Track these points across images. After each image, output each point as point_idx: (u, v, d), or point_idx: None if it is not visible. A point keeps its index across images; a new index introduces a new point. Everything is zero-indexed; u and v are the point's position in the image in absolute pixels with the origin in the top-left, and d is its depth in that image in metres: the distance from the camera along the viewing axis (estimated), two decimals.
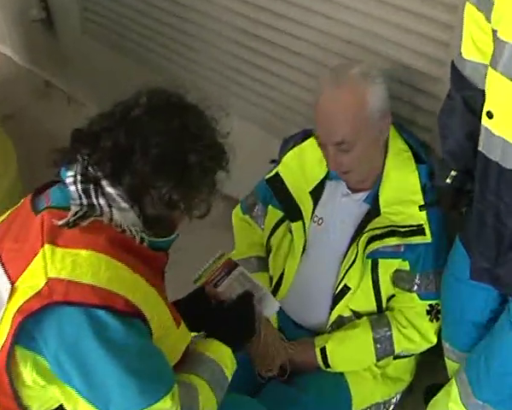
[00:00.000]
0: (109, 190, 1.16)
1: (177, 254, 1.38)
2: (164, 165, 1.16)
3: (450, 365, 1.79)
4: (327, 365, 1.76)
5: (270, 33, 2.28)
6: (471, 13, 1.35)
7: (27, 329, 1.06)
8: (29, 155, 3.11)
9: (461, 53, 1.43)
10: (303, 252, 1.83)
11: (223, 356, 1.35)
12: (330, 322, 1.78)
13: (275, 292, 1.87)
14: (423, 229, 1.68)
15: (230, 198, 2.94)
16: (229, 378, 1.36)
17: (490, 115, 1.29)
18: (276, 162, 1.95)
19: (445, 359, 1.80)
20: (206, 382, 1.28)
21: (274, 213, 1.93)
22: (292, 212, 1.85)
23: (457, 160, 1.53)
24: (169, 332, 1.20)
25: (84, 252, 1.09)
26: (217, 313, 1.50)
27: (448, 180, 1.54)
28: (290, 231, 1.85)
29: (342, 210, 1.80)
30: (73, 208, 1.13)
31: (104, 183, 1.16)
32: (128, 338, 1.08)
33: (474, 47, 1.37)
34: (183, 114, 1.20)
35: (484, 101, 1.31)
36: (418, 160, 1.74)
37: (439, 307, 1.74)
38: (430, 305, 1.74)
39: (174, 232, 1.28)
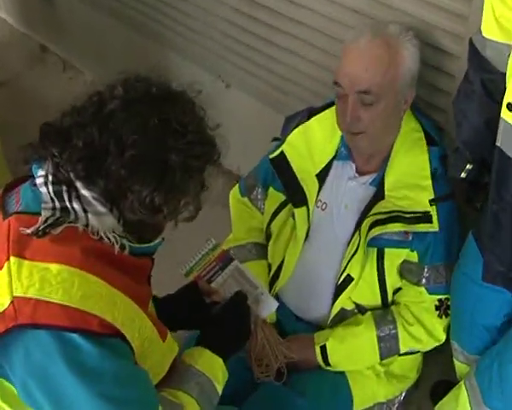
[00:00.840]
0: (84, 192, 1.03)
1: (171, 234, 1.26)
2: (141, 166, 1.02)
3: (459, 366, 1.69)
4: (327, 363, 1.65)
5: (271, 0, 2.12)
6: None
7: None
8: (24, 124, 3.00)
9: (481, 30, 1.29)
10: (305, 239, 1.71)
11: (213, 369, 1.24)
12: (332, 315, 1.67)
13: (273, 281, 1.76)
14: (430, 216, 1.56)
15: (229, 173, 2.84)
16: (220, 392, 1.25)
17: (511, 107, 1.17)
18: (278, 141, 1.82)
19: (454, 359, 1.70)
20: (194, 400, 1.17)
21: (275, 197, 1.80)
22: (296, 196, 1.72)
23: (473, 150, 1.41)
24: (153, 347, 1.09)
25: (54, 266, 0.96)
26: (210, 314, 1.38)
27: (463, 174, 1.43)
28: (293, 216, 1.73)
29: (347, 194, 1.68)
30: (44, 213, 1.00)
31: (79, 184, 1.03)
32: (103, 362, 0.96)
33: (497, 25, 1.23)
34: (164, 108, 1.06)
35: (505, 87, 1.17)
36: (430, 142, 1.62)
37: (449, 303, 1.63)
38: (439, 300, 1.62)
39: (160, 235, 1.15)
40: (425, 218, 1.55)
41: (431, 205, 1.55)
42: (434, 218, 1.55)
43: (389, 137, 1.62)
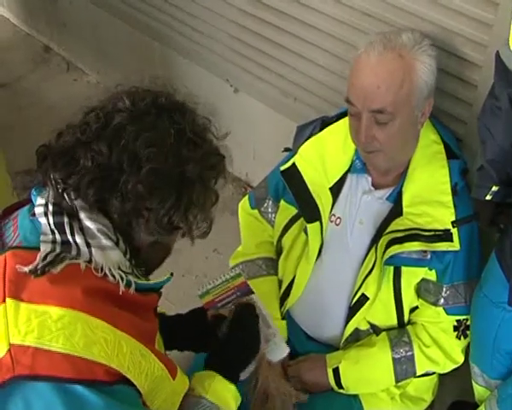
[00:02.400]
0: (88, 224, 0.95)
1: (179, 243, 1.19)
2: (160, 181, 0.95)
3: (478, 389, 1.62)
4: (340, 386, 1.58)
5: (280, 2, 2.05)
6: None
7: None
8: (27, 124, 2.96)
9: (508, 43, 1.21)
10: (318, 255, 1.64)
11: (226, 397, 1.16)
12: (345, 336, 1.60)
13: (284, 298, 1.70)
14: (451, 234, 1.48)
15: (238, 180, 2.78)
16: None
17: None
18: (289, 151, 1.75)
19: (472, 381, 1.63)
20: None
21: (287, 210, 1.73)
22: (308, 210, 1.64)
23: (499, 170, 1.34)
24: (163, 385, 1.02)
25: (54, 310, 0.88)
26: (216, 335, 1.31)
27: (488, 196, 1.36)
28: (305, 231, 1.66)
29: (362, 209, 1.61)
30: (43, 248, 0.93)
31: (82, 215, 0.95)
32: None
33: None
34: (176, 118, 1.00)
35: None
36: (450, 155, 1.54)
37: (468, 323, 1.55)
38: (458, 320, 1.55)
39: (166, 257, 1.09)
40: (445, 236, 1.48)
41: (454, 227, 1.47)
42: (455, 236, 1.47)
43: (407, 151, 1.54)
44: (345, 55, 1.87)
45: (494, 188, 1.35)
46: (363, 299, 1.55)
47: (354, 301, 1.57)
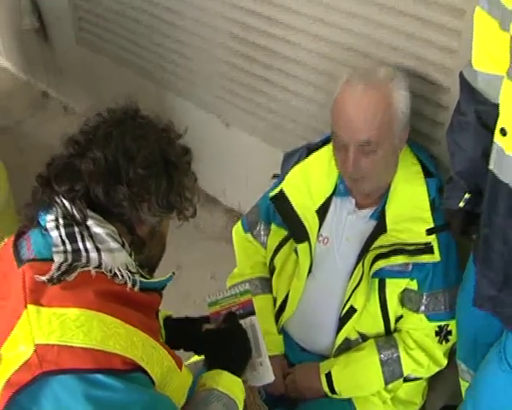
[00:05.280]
0: (97, 230, 1.08)
1: (177, 269, 1.31)
2: (152, 167, 1.12)
3: (465, 386, 1.71)
4: (333, 391, 1.69)
5: (266, 41, 2.21)
6: (482, 19, 1.26)
7: (21, 403, 0.97)
8: (26, 168, 3.06)
9: (471, 63, 1.34)
10: (308, 273, 1.76)
11: (234, 389, 1.28)
12: (336, 345, 1.71)
13: (279, 315, 1.81)
14: (432, 247, 1.61)
15: (231, 210, 2.91)
16: None
17: (504, 132, 1.20)
18: (278, 177, 1.88)
19: (460, 379, 1.73)
20: None
21: (277, 232, 1.86)
22: (297, 232, 1.77)
23: (469, 180, 1.44)
24: (172, 375, 1.13)
25: (72, 311, 1.00)
26: (208, 338, 1.42)
27: (461, 204, 1.46)
28: (295, 251, 1.78)
29: (348, 228, 1.73)
30: (57, 258, 1.04)
31: (90, 222, 1.08)
32: (131, 396, 1.00)
33: (487, 57, 1.28)
34: (147, 119, 1.20)
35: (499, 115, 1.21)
36: (427, 174, 1.68)
37: (449, 329, 1.67)
38: (439, 326, 1.67)
39: (165, 249, 1.24)
40: (427, 249, 1.61)
41: (427, 235, 1.59)
42: (435, 248, 1.60)
43: (389, 175, 1.68)
44: (326, 86, 2.01)
45: (467, 195, 1.45)
46: (352, 311, 1.67)
47: (343, 312, 1.68)
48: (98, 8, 2.90)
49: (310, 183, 1.78)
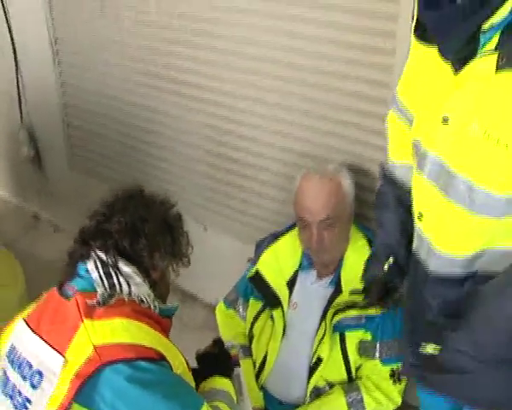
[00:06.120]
0: (126, 269, 1.47)
1: None
2: (160, 227, 1.54)
3: None
4: None
5: (238, 155, 2.67)
6: (394, 120, 1.60)
7: (85, 389, 1.31)
8: (27, 281, 3.34)
9: (389, 158, 1.66)
10: (283, 335, 2.12)
11: (227, 386, 1.64)
12: (308, 394, 2.04)
13: (259, 374, 2.15)
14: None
15: (210, 305, 3.24)
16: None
17: (420, 216, 1.42)
18: (252, 260, 2.28)
19: None
20: (226, 404, 1.56)
21: (255, 305, 2.24)
22: (272, 301, 2.16)
23: (388, 254, 1.68)
24: (184, 374, 1.48)
25: (117, 320, 1.38)
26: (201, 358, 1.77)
27: (385, 266, 1.68)
28: (271, 318, 2.15)
29: (312, 294, 2.12)
30: (100, 290, 1.43)
31: (121, 264, 1.47)
32: (164, 375, 1.36)
33: (402, 150, 1.58)
34: (150, 194, 1.64)
35: None
36: (371, 246, 2.05)
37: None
38: (392, 369, 2.01)
39: (169, 292, 1.65)
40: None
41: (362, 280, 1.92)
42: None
43: (343, 247, 2.09)
44: (287, 186, 2.46)
45: (391, 259, 1.67)
46: (319, 360, 2.02)
47: (312, 362, 2.03)
48: (90, 136, 3.36)
49: (279, 261, 2.19)
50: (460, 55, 1.26)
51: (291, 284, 2.17)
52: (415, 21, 1.42)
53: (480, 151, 1.23)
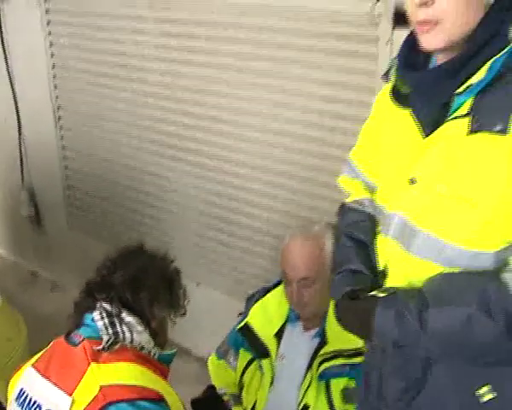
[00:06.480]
0: (128, 318, 1.62)
1: None
2: (159, 280, 1.70)
3: None
4: None
5: (228, 214, 2.87)
6: (347, 181, 1.77)
7: None
8: (28, 336, 3.43)
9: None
10: (271, 384, 2.25)
11: None
12: None
13: None
14: (362, 352, 2.13)
15: (201, 359, 3.37)
16: None
17: (384, 274, 1.50)
18: (243, 314, 2.43)
19: None
20: None
21: (245, 356, 2.37)
22: (261, 352, 2.29)
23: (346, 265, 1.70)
24: None
25: (121, 363, 1.53)
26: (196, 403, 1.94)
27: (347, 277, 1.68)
28: (260, 368, 2.29)
29: (299, 346, 2.26)
30: (105, 337, 1.57)
31: (124, 314, 1.62)
32: None
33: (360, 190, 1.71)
34: (150, 249, 1.80)
35: None
36: None
37: None
38: None
39: (167, 341, 1.79)
40: (358, 353, 2.12)
41: None
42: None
43: (324, 303, 2.21)
44: (275, 244, 2.63)
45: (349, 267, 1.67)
46: (305, 408, 2.14)
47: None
48: (89, 197, 3.55)
49: (268, 314, 2.33)
50: (432, 117, 1.34)
51: (279, 335, 2.31)
52: (392, 83, 1.48)
53: (448, 209, 1.30)
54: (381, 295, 1.41)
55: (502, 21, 1.27)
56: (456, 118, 1.30)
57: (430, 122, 1.35)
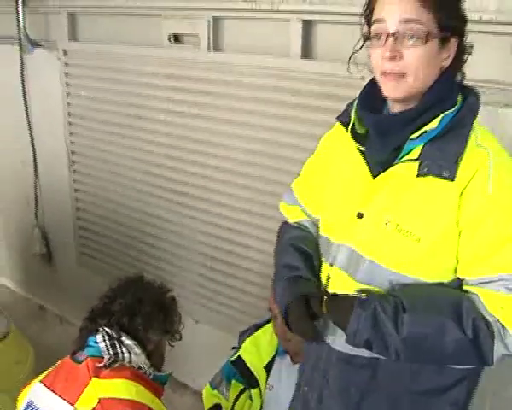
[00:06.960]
0: (127, 341, 1.85)
1: None
2: (155, 307, 1.92)
3: None
4: None
5: (225, 255, 3.09)
6: (285, 208, 1.88)
7: None
8: (38, 364, 3.58)
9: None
10: None
11: None
12: None
13: None
14: None
15: (197, 392, 3.54)
16: None
17: None
18: (236, 348, 2.63)
19: None
20: None
21: (236, 386, 2.56)
22: (251, 382, 2.49)
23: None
24: None
25: (119, 380, 1.75)
26: None
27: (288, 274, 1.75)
28: (250, 398, 2.49)
29: (286, 377, 2.46)
30: (106, 357, 1.80)
31: (123, 337, 1.84)
32: None
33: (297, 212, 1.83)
34: (148, 280, 2.04)
35: None
36: None
37: None
38: None
39: (163, 362, 1.99)
40: None
41: None
42: None
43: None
44: (268, 284, 2.83)
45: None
46: None
47: None
48: (98, 237, 3.78)
49: (259, 348, 2.54)
50: (382, 159, 1.46)
51: (268, 367, 2.51)
52: (352, 121, 1.55)
53: (393, 241, 1.43)
54: (364, 296, 1.47)
55: (452, 85, 1.45)
56: (406, 161, 1.42)
57: (379, 163, 1.47)
